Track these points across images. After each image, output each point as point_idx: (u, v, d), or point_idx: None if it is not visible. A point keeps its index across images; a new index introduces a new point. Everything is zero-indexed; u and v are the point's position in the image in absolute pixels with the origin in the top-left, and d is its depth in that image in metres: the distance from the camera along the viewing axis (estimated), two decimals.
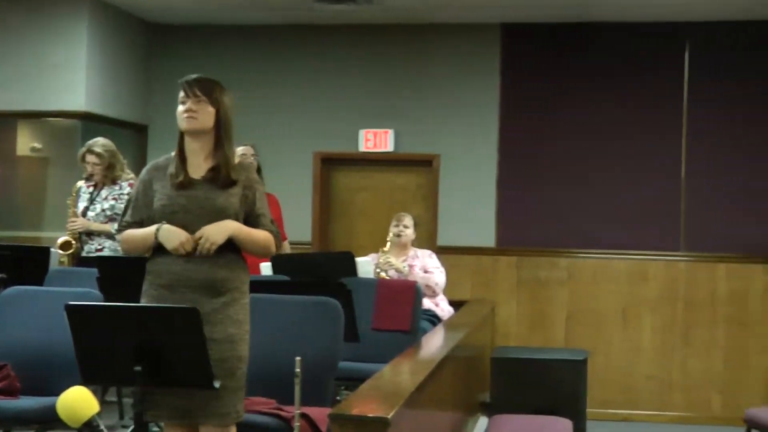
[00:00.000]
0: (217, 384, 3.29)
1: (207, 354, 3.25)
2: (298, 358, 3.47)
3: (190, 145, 3.64)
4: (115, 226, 6.21)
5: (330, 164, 8.54)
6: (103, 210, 6.40)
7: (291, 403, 3.60)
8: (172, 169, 3.63)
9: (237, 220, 3.60)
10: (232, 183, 3.61)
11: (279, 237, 3.74)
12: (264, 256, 3.88)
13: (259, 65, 8.50)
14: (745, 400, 7.61)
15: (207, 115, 3.60)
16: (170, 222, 3.56)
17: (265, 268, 5.97)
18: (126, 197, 6.31)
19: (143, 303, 3.59)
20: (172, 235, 3.53)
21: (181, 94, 3.62)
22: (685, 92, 8.00)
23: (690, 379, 7.91)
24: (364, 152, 8.39)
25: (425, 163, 8.34)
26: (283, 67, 8.50)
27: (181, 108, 3.61)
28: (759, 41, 7.91)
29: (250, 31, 8.53)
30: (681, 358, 7.93)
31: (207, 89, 3.62)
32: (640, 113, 8.05)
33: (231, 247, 3.59)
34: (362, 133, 8.36)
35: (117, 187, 6.46)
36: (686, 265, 7.95)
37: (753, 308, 7.86)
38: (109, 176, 6.45)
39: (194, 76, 3.67)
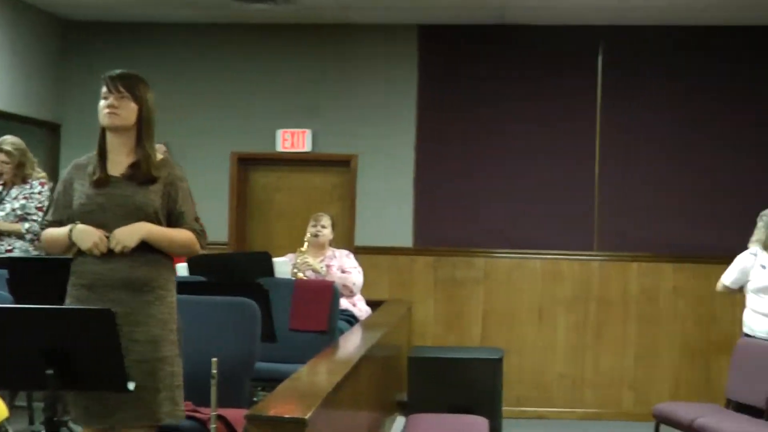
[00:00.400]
0: (131, 386, 3.24)
1: (121, 356, 3.20)
2: (214, 359, 3.45)
3: (111, 141, 3.58)
4: (26, 225, 6.14)
5: (247, 164, 8.48)
6: (13, 210, 6.25)
7: (207, 404, 3.58)
8: (90, 167, 3.58)
9: (157, 217, 3.54)
10: (153, 180, 3.56)
11: (204, 235, 3.69)
12: (187, 255, 3.82)
13: (176, 64, 8.39)
14: (654, 396, 7.79)
15: (129, 112, 3.55)
16: (88, 221, 3.50)
17: (181, 269, 5.89)
18: (37, 196, 6.20)
19: (67, 304, 3.52)
20: (85, 236, 3.47)
21: (104, 89, 3.56)
22: (598, 94, 8.15)
23: (602, 376, 8.07)
24: (281, 152, 8.35)
25: (343, 163, 8.35)
26: (201, 66, 8.41)
27: (102, 103, 3.55)
28: (670, 45, 8.09)
29: (167, 29, 8.42)
30: (593, 356, 8.08)
31: (130, 85, 3.56)
32: (556, 115, 8.17)
33: (151, 245, 3.54)
34: (280, 133, 8.33)
35: (27, 186, 6.32)
36: (599, 265, 8.10)
37: (663, 306, 8.05)
38: (19, 175, 6.31)
39: (118, 71, 3.61)
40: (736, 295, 6.55)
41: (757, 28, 7.96)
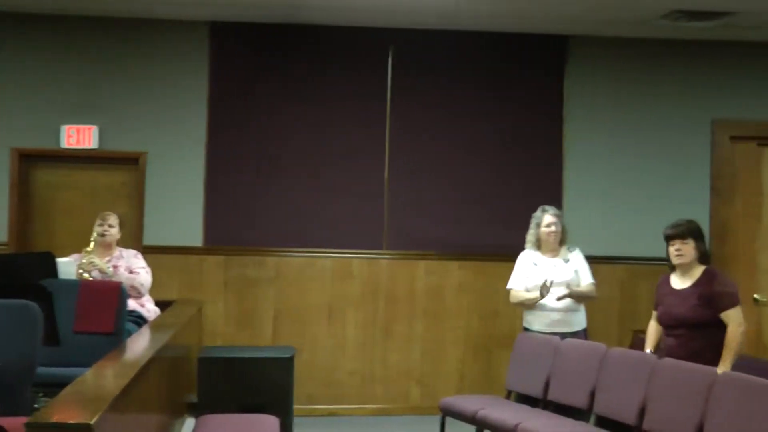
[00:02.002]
0: None
1: None
2: None
3: None
4: None
5: (29, 161, 8.14)
6: None
7: None
8: None
9: None
10: None
11: None
12: None
13: None
14: (441, 389, 8.07)
15: None
16: None
17: None
18: None
19: None
20: None
21: None
22: (388, 96, 8.33)
23: (390, 372, 8.26)
24: (66, 149, 8.07)
25: (131, 161, 8.15)
26: None
27: None
28: (457, 49, 8.35)
29: None
30: (382, 352, 8.26)
31: None
32: (348, 116, 8.29)
33: None
34: (64, 128, 8.04)
35: None
36: (388, 263, 8.29)
37: (449, 302, 8.33)
38: None
39: None
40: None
41: (538, 36, 8.36)
